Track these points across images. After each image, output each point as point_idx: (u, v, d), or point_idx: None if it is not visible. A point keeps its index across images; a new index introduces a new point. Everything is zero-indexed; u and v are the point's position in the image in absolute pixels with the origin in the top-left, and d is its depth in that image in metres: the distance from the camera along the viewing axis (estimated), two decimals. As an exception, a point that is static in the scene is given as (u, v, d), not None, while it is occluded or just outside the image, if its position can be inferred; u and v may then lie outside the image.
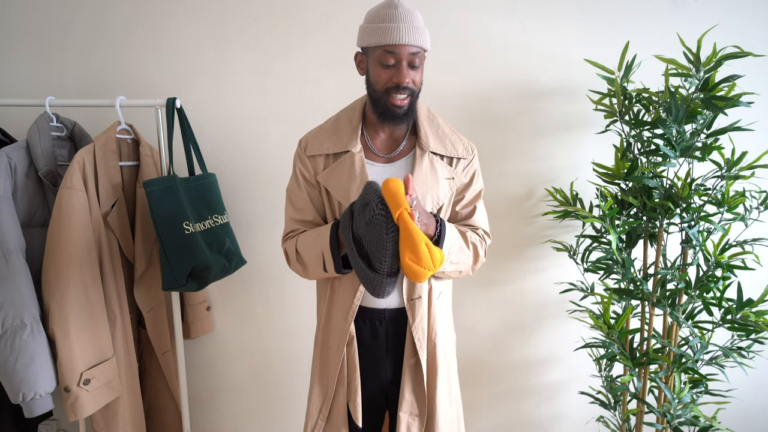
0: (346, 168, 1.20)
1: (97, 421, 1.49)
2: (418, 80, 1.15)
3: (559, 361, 1.87)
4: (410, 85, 1.13)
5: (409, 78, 1.12)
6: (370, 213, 1.04)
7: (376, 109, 1.18)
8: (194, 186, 1.60)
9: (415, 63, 1.12)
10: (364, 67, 1.19)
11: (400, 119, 1.17)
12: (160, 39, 1.81)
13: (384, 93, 1.14)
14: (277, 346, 1.94)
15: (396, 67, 1.12)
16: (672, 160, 1.36)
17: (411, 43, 1.09)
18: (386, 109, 1.16)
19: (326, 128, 1.27)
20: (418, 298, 1.21)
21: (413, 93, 1.15)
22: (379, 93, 1.15)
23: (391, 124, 1.19)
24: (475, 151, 1.29)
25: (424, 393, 1.22)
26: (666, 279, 1.44)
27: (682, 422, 1.41)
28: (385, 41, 1.09)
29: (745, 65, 1.62)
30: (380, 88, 1.14)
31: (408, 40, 1.09)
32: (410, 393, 1.23)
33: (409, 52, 1.10)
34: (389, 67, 1.12)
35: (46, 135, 1.52)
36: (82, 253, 1.41)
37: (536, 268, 1.82)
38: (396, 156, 1.23)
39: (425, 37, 1.13)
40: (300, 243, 1.22)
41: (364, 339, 1.24)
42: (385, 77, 1.13)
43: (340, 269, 1.16)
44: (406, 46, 1.10)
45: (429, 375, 1.23)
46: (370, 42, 1.12)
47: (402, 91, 1.12)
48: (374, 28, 1.11)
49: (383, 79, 1.13)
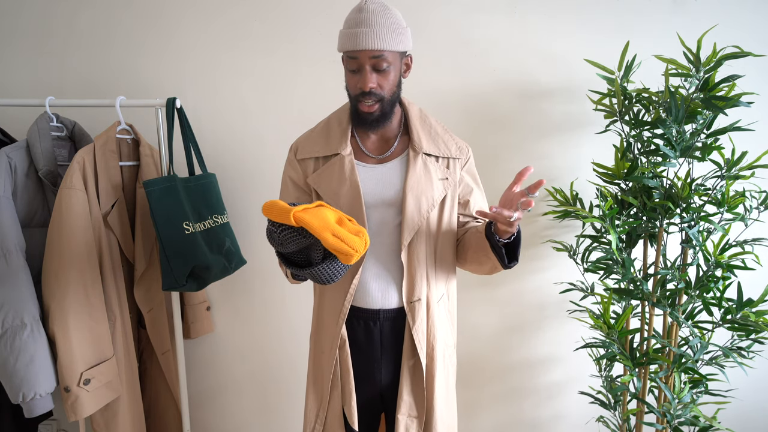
0: (336, 171, 1.20)
1: (97, 421, 1.49)
2: (387, 85, 1.14)
3: (559, 361, 1.87)
4: (376, 90, 1.12)
5: (374, 83, 1.12)
6: (276, 237, 1.01)
7: (352, 115, 1.20)
8: (194, 186, 1.60)
9: (381, 66, 1.11)
10: None
11: (370, 125, 1.18)
12: (160, 39, 1.81)
13: (354, 99, 1.16)
14: (276, 346, 1.94)
15: (359, 72, 1.12)
16: (672, 160, 1.36)
17: (369, 47, 1.08)
18: (357, 114, 1.17)
19: (317, 131, 1.27)
20: (417, 300, 1.21)
21: (382, 99, 1.14)
22: (352, 100, 1.17)
23: (366, 129, 1.20)
24: (470, 152, 1.28)
25: (423, 394, 1.22)
26: (666, 279, 1.44)
27: (682, 422, 1.41)
28: (347, 47, 1.11)
29: (745, 65, 1.62)
30: (351, 93, 1.17)
31: (366, 44, 1.08)
32: (409, 394, 1.22)
33: (370, 56, 1.10)
34: (354, 72, 1.13)
35: (46, 135, 1.52)
36: (82, 253, 1.41)
37: (536, 268, 1.82)
38: (388, 157, 1.23)
39: (391, 39, 1.09)
40: None
41: (358, 340, 1.24)
42: (353, 83, 1.15)
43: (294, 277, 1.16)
44: (365, 51, 1.09)
45: (428, 377, 1.23)
46: (339, 47, 1.14)
47: (368, 96, 1.12)
48: (342, 33, 1.13)
49: (352, 85, 1.15)
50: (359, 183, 1.18)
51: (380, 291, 1.21)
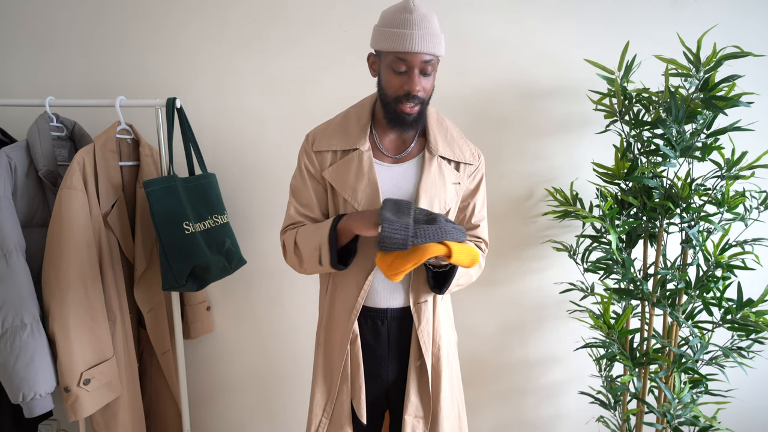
0: (354, 166, 1.19)
1: (97, 421, 1.49)
2: (428, 87, 1.14)
3: (559, 361, 1.87)
4: (420, 93, 1.12)
5: (420, 86, 1.11)
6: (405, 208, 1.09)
7: (386, 114, 1.17)
8: (194, 186, 1.60)
9: (428, 71, 1.11)
10: (376, 69, 1.18)
11: (409, 126, 1.16)
12: (160, 39, 1.81)
13: (394, 100, 1.14)
14: (277, 346, 1.94)
15: (407, 74, 1.10)
16: (672, 160, 1.36)
17: (424, 51, 1.07)
18: (395, 115, 1.15)
19: (335, 124, 1.26)
20: (424, 301, 1.22)
21: (423, 101, 1.14)
22: (390, 99, 1.14)
23: (402, 129, 1.18)
24: (481, 158, 1.29)
25: (429, 395, 1.23)
26: (666, 279, 1.44)
27: (682, 422, 1.41)
28: (398, 48, 1.08)
29: (745, 65, 1.62)
30: (391, 94, 1.14)
31: (421, 48, 1.07)
32: (416, 395, 1.23)
33: (422, 60, 1.09)
34: (401, 74, 1.11)
35: (46, 135, 1.52)
36: (82, 253, 1.41)
37: (536, 268, 1.82)
38: (404, 157, 1.23)
39: (439, 44, 1.10)
40: (300, 235, 1.22)
41: (365, 338, 1.25)
42: (396, 84, 1.12)
43: (335, 264, 1.15)
44: (419, 54, 1.08)
45: (434, 377, 1.23)
46: (383, 46, 1.10)
47: (412, 99, 1.11)
48: (388, 32, 1.09)
49: (394, 85, 1.12)
50: (378, 180, 1.18)
51: (388, 290, 1.22)
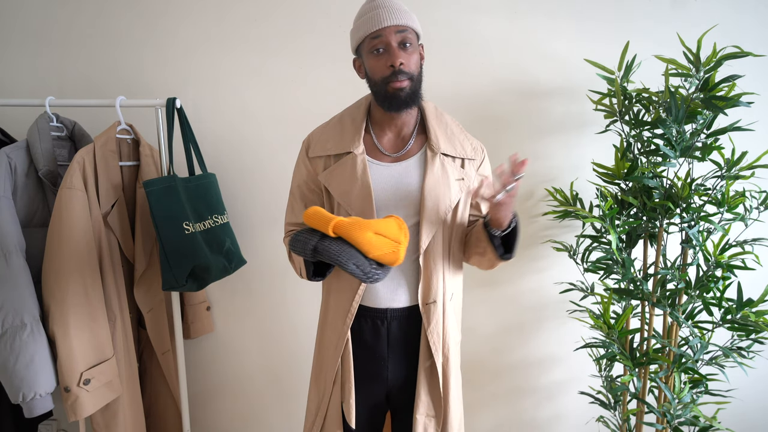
0: (347, 170, 1.18)
1: (97, 421, 1.49)
2: (412, 64, 1.13)
3: (559, 361, 1.87)
4: (405, 68, 1.11)
5: (402, 59, 1.11)
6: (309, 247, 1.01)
7: (382, 103, 1.16)
8: (194, 186, 1.60)
9: (406, 43, 1.12)
10: (363, 69, 1.19)
11: (405, 102, 1.14)
12: (160, 39, 1.81)
13: (383, 81, 1.13)
14: (277, 346, 1.94)
15: (387, 51, 1.12)
16: (672, 160, 1.36)
17: (393, 23, 1.10)
18: (389, 96, 1.13)
19: (330, 127, 1.26)
20: (433, 302, 1.20)
21: (412, 76, 1.13)
22: (379, 82, 1.14)
23: (399, 111, 1.16)
24: (484, 152, 1.28)
25: (440, 394, 1.23)
26: (666, 279, 1.44)
27: (682, 422, 1.41)
28: (369, 29, 1.11)
29: (745, 65, 1.62)
30: (378, 77, 1.13)
31: (390, 20, 1.10)
32: (426, 395, 1.23)
33: (395, 31, 1.11)
34: (380, 53, 1.12)
35: (46, 135, 1.52)
36: (82, 253, 1.41)
37: (536, 268, 1.82)
38: (404, 155, 1.22)
39: (409, 17, 1.13)
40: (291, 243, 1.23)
41: (365, 338, 1.24)
42: (380, 65, 1.12)
43: (311, 277, 1.16)
44: (390, 27, 1.10)
45: (444, 376, 1.23)
46: (358, 37, 1.14)
47: (399, 74, 1.11)
48: (358, 24, 1.14)
49: (378, 67, 1.13)
50: (371, 183, 1.17)
51: (390, 291, 1.21)
